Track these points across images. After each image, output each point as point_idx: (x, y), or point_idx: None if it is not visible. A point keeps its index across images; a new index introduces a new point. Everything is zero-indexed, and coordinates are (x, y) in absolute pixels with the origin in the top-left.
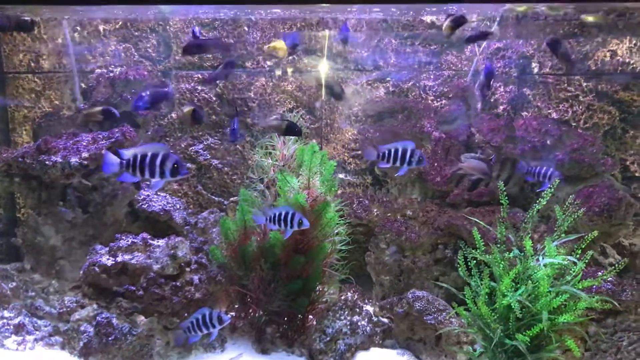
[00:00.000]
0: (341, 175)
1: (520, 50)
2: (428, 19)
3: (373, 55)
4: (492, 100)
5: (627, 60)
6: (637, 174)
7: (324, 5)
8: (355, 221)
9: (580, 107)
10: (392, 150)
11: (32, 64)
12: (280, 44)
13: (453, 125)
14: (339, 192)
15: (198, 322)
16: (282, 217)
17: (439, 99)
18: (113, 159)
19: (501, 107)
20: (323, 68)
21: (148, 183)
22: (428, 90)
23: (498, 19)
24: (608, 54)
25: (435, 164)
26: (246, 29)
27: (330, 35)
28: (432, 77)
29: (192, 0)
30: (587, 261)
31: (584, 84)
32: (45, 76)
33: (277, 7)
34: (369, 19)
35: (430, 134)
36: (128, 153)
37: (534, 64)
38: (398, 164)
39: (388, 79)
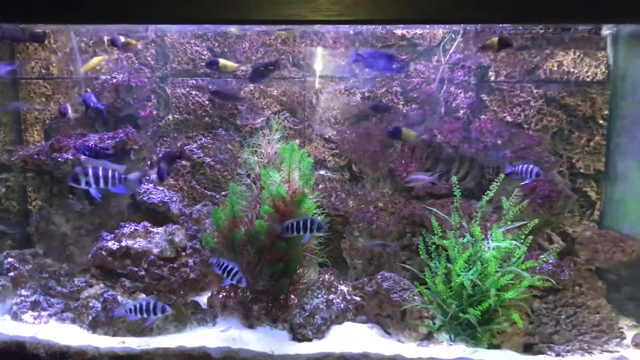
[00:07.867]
0: (322, 172)
1: (478, 60)
2: (399, 31)
3: (350, 64)
4: (453, 105)
5: (572, 69)
6: (582, 171)
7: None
8: (334, 212)
9: (532, 111)
10: None
11: (43, 71)
12: (97, 60)
13: (419, 127)
14: (320, 186)
15: (141, 307)
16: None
17: (408, 104)
18: None
19: (461, 112)
20: (306, 76)
21: (148, 178)
22: (399, 96)
23: (461, 32)
24: (555, 64)
25: (403, 161)
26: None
27: (309, 48)
28: (402, 84)
29: (187, 20)
30: (529, 245)
31: (535, 91)
32: (54, 82)
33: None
34: (346, 31)
35: None
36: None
37: (490, 73)
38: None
39: (362, 86)
